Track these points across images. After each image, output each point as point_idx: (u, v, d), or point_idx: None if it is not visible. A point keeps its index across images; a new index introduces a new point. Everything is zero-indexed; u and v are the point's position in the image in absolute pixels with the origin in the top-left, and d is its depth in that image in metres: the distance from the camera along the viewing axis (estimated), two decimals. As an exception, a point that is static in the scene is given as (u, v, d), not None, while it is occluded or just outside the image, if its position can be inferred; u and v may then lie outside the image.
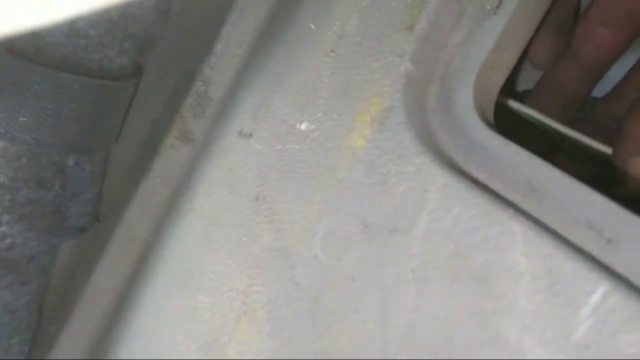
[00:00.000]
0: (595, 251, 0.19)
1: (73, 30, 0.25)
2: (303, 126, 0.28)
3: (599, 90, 0.34)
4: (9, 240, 0.26)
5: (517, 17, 0.24)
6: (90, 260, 0.36)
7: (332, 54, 0.27)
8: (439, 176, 0.22)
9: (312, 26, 0.29)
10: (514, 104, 0.27)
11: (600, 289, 0.17)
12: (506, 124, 0.35)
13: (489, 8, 0.24)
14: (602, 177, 0.27)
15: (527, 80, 0.37)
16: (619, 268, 0.18)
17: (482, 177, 0.22)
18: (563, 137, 0.31)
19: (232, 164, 0.30)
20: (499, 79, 0.25)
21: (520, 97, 0.37)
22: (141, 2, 0.26)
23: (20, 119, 0.25)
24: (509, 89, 0.38)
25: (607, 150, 0.28)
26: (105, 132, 0.30)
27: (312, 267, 0.25)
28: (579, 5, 0.32)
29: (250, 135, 0.30)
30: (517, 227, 0.19)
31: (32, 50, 0.25)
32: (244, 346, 0.27)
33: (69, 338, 0.36)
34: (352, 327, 0.22)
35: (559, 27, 0.32)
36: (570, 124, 0.30)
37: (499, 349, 0.18)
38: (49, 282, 0.31)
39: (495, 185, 0.22)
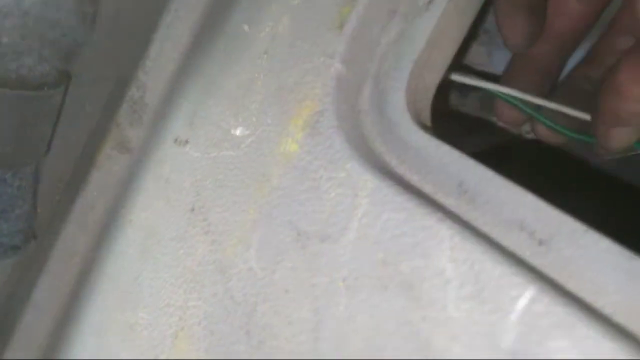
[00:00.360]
0: (527, 253, 0.18)
1: (-15, 39, 0.23)
2: (238, 131, 0.26)
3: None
4: None
5: (449, 12, 0.23)
6: (31, 278, 0.35)
7: (265, 56, 0.26)
8: (369, 181, 0.21)
9: (246, 27, 0.28)
10: (456, 77, 0.27)
11: (527, 294, 0.16)
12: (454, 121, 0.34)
13: (420, 4, 0.24)
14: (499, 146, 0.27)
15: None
16: (550, 270, 0.18)
17: (415, 179, 0.21)
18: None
19: (168, 173, 0.29)
20: (434, 77, 0.25)
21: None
22: (58, 6, 0.25)
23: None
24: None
25: (585, 117, 0.29)
26: (31, 144, 0.28)
27: (247, 280, 0.24)
28: None
29: (186, 142, 0.29)
30: (445, 232, 0.18)
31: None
32: (182, 363, 0.26)
33: (12, 357, 0.35)
34: (285, 341, 0.21)
35: (530, 7, 0.32)
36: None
37: (427, 359, 0.18)
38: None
39: (427, 189, 0.21)
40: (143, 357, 0.28)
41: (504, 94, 0.30)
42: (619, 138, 0.27)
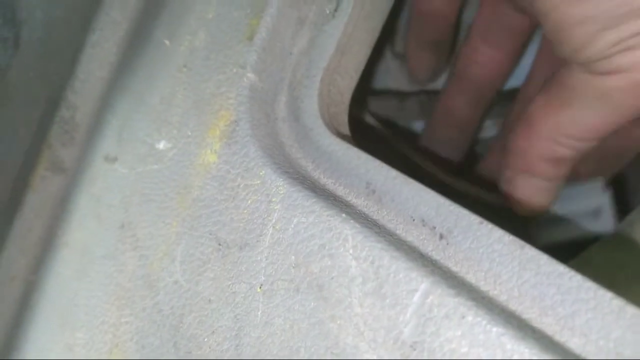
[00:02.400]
0: (429, 248, 0.19)
1: None
2: (161, 145, 0.27)
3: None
4: None
5: (355, 18, 0.24)
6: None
7: (185, 69, 0.27)
8: (281, 187, 0.21)
9: (167, 42, 0.28)
10: (370, 120, 0.27)
11: (422, 287, 0.17)
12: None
13: (327, 12, 0.24)
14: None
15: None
16: (451, 263, 0.18)
17: (329, 183, 0.22)
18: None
19: (99, 191, 0.29)
20: (347, 83, 0.25)
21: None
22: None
23: None
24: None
25: (497, 200, 0.28)
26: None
27: (173, 293, 0.24)
28: (456, 22, 0.32)
29: (115, 159, 0.29)
30: (348, 231, 0.19)
31: None
32: (117, 381, 0.26)
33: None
34: (209, 350, 0.22)
35: (434, 44, 0.32)
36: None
37: (336, 357, 0.18)
38: None
39: (339, 191, 0.21)
40: (82, 377, 0.28)
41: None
42: (523, 190, 0.24)
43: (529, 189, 0.23)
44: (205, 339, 0.22)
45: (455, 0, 0.31)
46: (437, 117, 0.33)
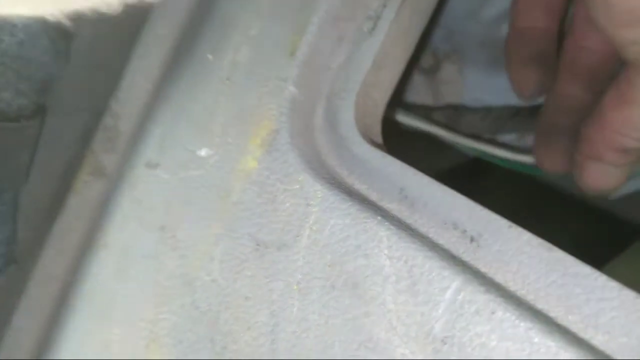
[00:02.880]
0: (461, 250, 0.20)
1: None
2: (203, 152, 0.28)
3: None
4: None
5: (391, 36, 0.26)
6: (11, 301, 0.36)
7: (227, 81, 0.28)
8: (319, 191, 0.23)
9: (210, 56, 0.30)
10: (401, 117, 0.29)
11: (454, 285, 0.18)
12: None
13: (365, 30, 0.26)
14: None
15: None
16: (481, 264, 0.19)
17: (363, 188, 0.23)
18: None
19: (140, 194, 0.31)
20: (382, 96, 0.27)
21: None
22: (34, 45, 0.27)
23: None
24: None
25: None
26: (12, 172, 0.30)
27: (211, 290, 0.25)
28: (558, 32, 0.32)
29: (157, 165, 0.31)
30: (383, 232, 0.20)
31: None
32: (153, 374, 0.27)
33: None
34: (245, 345, 0.23)
35: (539, 58, 0.32)
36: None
37: (370, 351, 0.19)
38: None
39: (373, 196, 0.23)
40: (117, 371, 0.29)
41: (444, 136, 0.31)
42: (592, 174, 0.25)
43: (598, 173, 0.25)
44: (241, 335, 0.23)
45: (556, 11, 0.30)
46: (552, 109, 0.32)
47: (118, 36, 0.34)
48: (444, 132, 0.31)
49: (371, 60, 0.25)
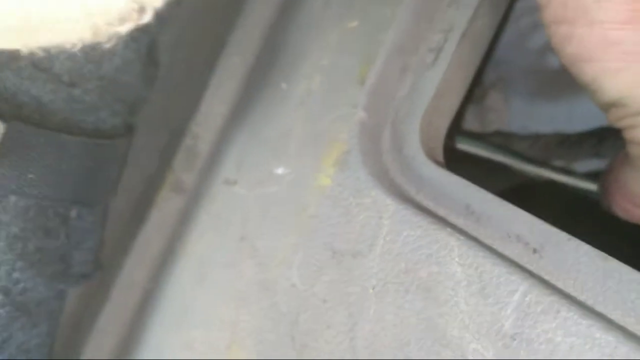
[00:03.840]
0: (524, 260, 0.22)
1: (71, 97, 0.29)
2: (279, 170, 0.31)
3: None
4: (21, 285, 0.29)
5: (452, 67, 0.28)
6: (96, 305, 0.39)
7: (301, 107, 0.32)
8: (390, 205, 0.25)
9: (284, 85, 0.33)
10: (461, 145, 0.31)
11: (521, 289, 0.21)
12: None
13: (428, 61, 0.29)
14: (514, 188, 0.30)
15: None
16: (543, 273, 0.22)
17: (430, 205, 0.26)
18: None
19: (219, 209, 0.34)
20: (443, 122, 0.29)
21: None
22: (128, 70, 0.30)
23: (29, 175, 0.29)
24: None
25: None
26: (103, 186, 0.33)
27: (290, 294, 0.28)
28: None
29: (235, 182, 0.34)
30: (454, 242, 0.23)
31: (36, 116, 0.29)
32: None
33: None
34: (325, 343, 0.26)
35: None
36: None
37: (444, 347, 0.22)
38: (58, 326, 0.34)
39: (440, 212, 0.25)
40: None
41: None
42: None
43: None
44: (321, 333, 0.26)
45: None
46: None
47: (193, 63, 0.38)
48: (508, 158, 0.33)
49: (434, 90, 0.28)
